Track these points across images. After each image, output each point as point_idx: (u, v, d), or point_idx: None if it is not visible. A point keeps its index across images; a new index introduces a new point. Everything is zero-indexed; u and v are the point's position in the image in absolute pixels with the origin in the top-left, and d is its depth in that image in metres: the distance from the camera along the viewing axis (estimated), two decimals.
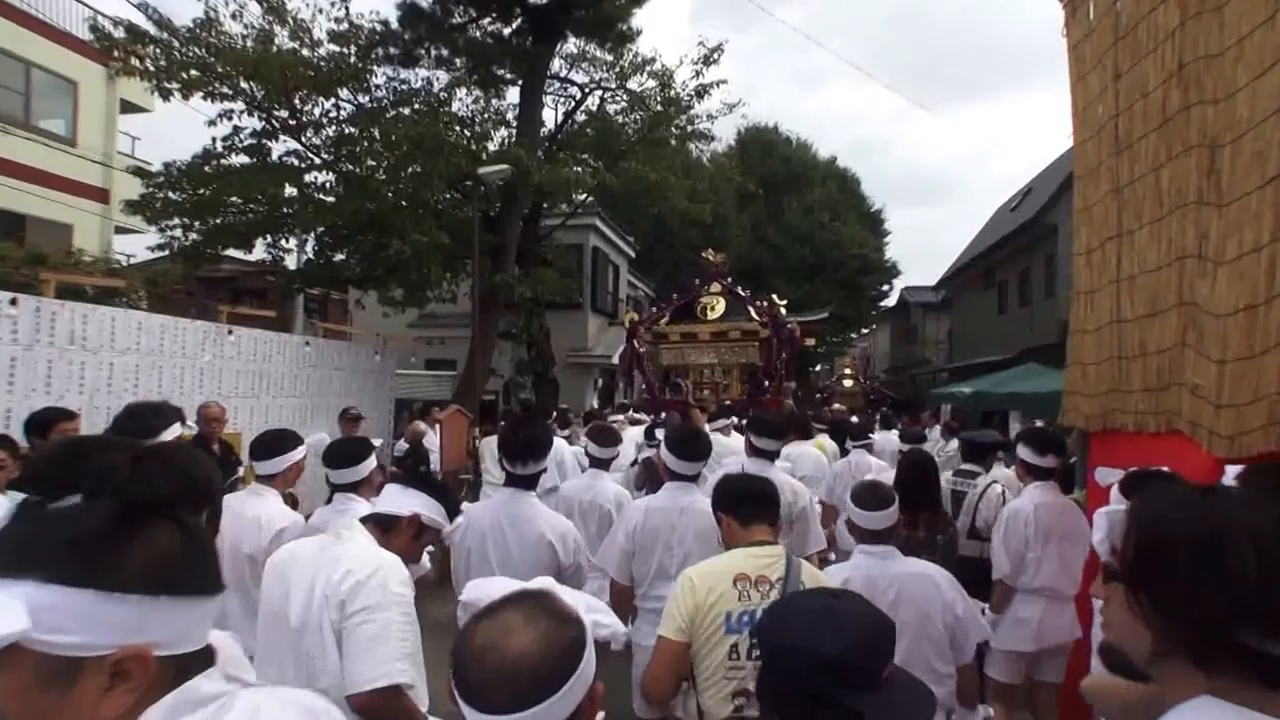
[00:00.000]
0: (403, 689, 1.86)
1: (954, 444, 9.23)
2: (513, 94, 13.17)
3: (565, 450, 6.20)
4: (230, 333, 7.33)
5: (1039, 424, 7.71)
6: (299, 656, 1.93)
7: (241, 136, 10.00)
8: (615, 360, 19.95)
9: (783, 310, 14.93)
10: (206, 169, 9.86)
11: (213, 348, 7.10)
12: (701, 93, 12.16)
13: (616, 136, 12.53)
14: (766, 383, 13.99)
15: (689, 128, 13.21)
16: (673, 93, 12.24)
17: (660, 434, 5.12)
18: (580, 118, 13.50)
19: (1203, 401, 2.82)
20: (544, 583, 1.27)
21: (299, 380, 8.64)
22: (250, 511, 3.00)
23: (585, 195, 13.36)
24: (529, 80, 11.74)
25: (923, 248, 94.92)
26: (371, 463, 3.15)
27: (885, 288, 34.02)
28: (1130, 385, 3.50)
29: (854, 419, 8.99)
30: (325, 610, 1.90)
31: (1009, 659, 3.63)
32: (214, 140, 9.75)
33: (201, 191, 9.77)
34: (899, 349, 34.91)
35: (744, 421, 5.92)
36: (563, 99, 13.78)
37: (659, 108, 12.59)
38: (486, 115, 12.27)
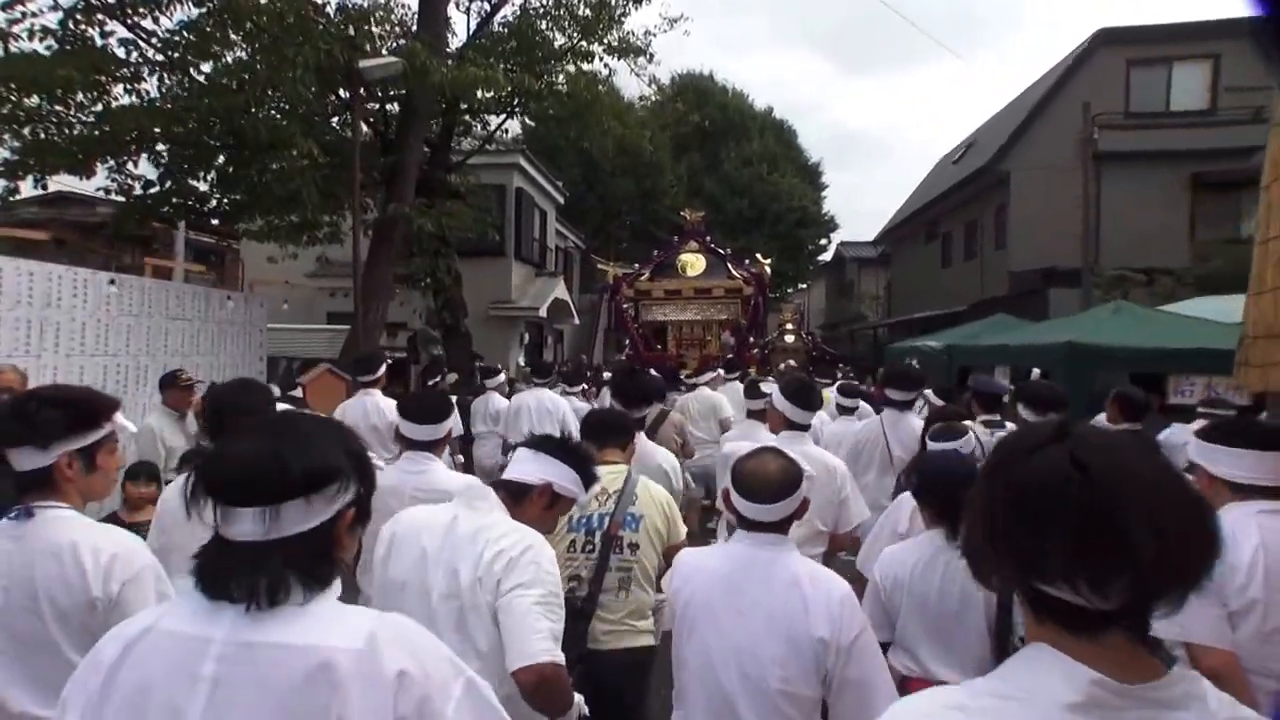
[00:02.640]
0: (559, 664, 1.84)
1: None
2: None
3: (565, 408, 6.50)
4: None
5: (1036, 375, 6.31)
6: (451, 630, 1.86)
7: (35, 8, 7.42)
8: (542, 313, 17.91)
9: (767, 269, 15.31)
10: None
11: None
12: None
13: (543, 45, 10.33)
14: (750, 338, 14.06)
15: (623, 43, 11.08)
16: None
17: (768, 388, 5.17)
18: (498, 30, 11.21)
19: None
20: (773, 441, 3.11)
21: (110, 333, 6.36)
22: None
23: (504, 116, 11.12)
24: None
25: (852, 209, 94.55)
26: (451, 421, 3.02)
27: (823, 242, 32.78)
28: None
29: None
30: (480, 592, 1.87)
31: None
32: None
33: None
34: (834, 305, 33.87)
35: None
36: (475, 4, 11.45)
37: (588, 13, 10.43)
38: (386, 21, 9.90)
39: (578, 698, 1.93)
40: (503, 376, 7.30)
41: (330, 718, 1.03)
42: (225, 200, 8.90)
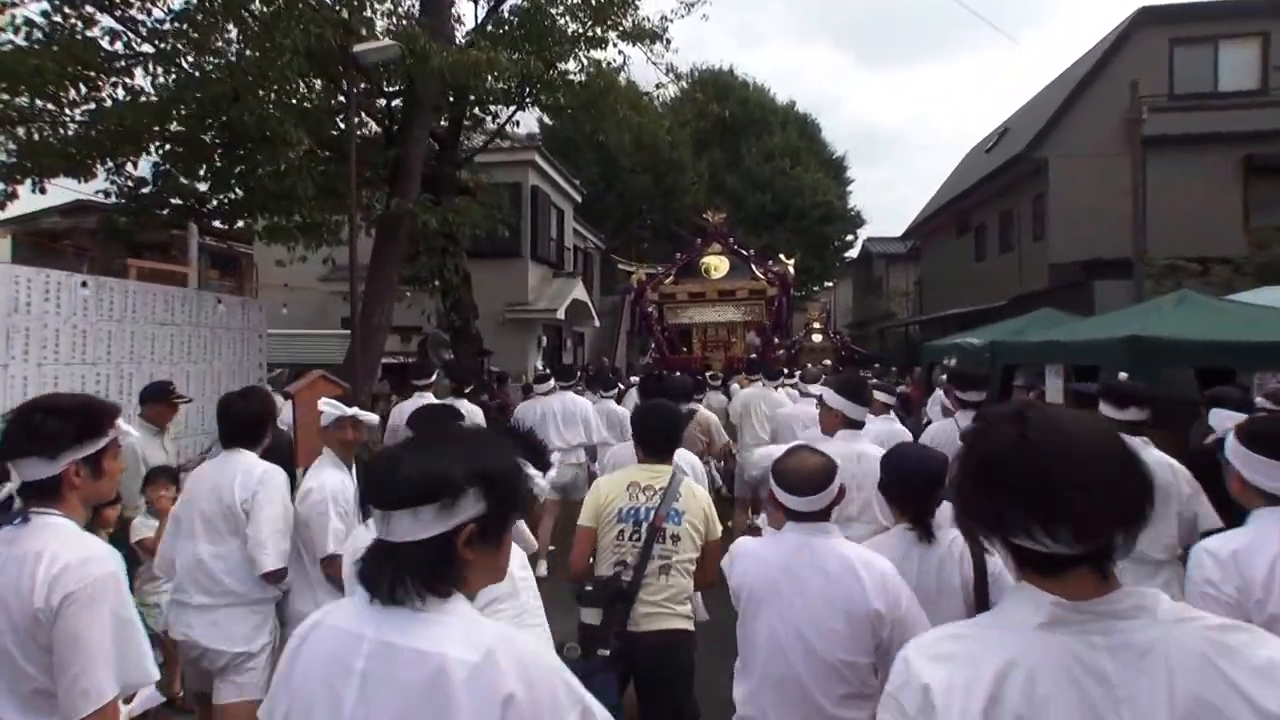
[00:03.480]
0: None
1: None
2: None
3: (589, 409, 6.64)
4: None
5: (1123, 378, 5.73)
6: None
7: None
8: (560, 315, 17.43)
9: (791, 269, 15.51)
10: None
11: None
12: None
13: (553, 31, 9.81)
14: (775, 339, 14.50)
15: (638, 28, 10.52)
16: None
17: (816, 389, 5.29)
18: (508, 17, 10.72)
19: None
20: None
21: (88, 339, 5.94)
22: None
23: (514, 108, 10.61)
24: None
25: (878, 207, 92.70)
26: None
27: (849, 238, 31.96)
28: None
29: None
30: None
31: None
32: None
33: None
34: (861, 302, 33.01)
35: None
36: None
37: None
38: (392, 14, 9.42)
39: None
40: (552, 382, 7.01)
41: None
42: (224, 200, 8.47)
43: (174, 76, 7.34)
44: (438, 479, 1.14)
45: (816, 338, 20.35)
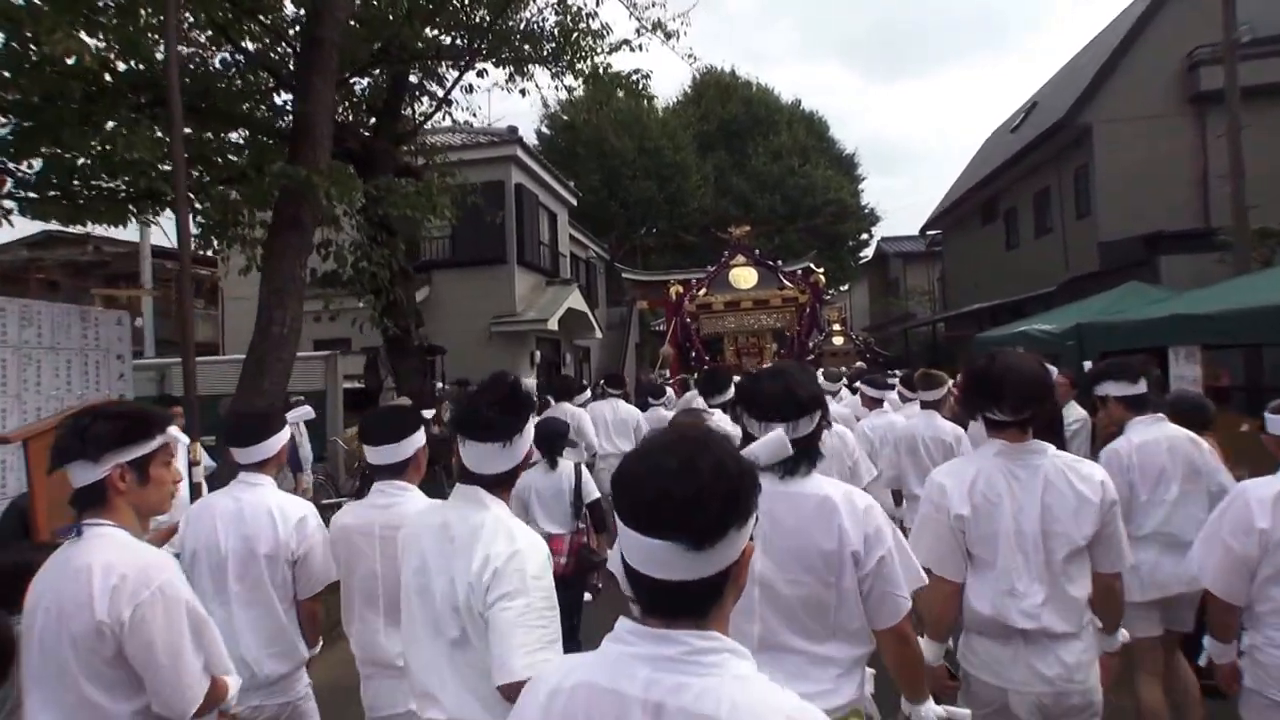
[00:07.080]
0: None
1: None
2: None
3: (641, 417, 6.72)
4: None
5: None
6: (454, 630, 1.82)
7: None
8: (553, 326, 15.13)
9: (822, 278, 16.23)
10: None
11: None
12: None
13: None
14: (809, 343, 15.39)
15: None
16: None
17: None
18: None
19: None
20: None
21: None
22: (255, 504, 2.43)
23: (463, 67, 8.33)
24: None
25: (889, 213, 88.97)
26: (421, 438, 2.46)
27: (865, 237, 29.38)
28: None
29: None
30: (473, 600, 1.78)
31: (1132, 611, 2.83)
32: None
33: None
34: (879, 303, 30.41)
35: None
36: None
37: None
38: None
39: None
40: (588, 394, 6.83)
41: (833, 525, 1.82)
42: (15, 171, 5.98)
43: None
44: (817, 394, 1.94)
45: (838, 340, 17.98)
